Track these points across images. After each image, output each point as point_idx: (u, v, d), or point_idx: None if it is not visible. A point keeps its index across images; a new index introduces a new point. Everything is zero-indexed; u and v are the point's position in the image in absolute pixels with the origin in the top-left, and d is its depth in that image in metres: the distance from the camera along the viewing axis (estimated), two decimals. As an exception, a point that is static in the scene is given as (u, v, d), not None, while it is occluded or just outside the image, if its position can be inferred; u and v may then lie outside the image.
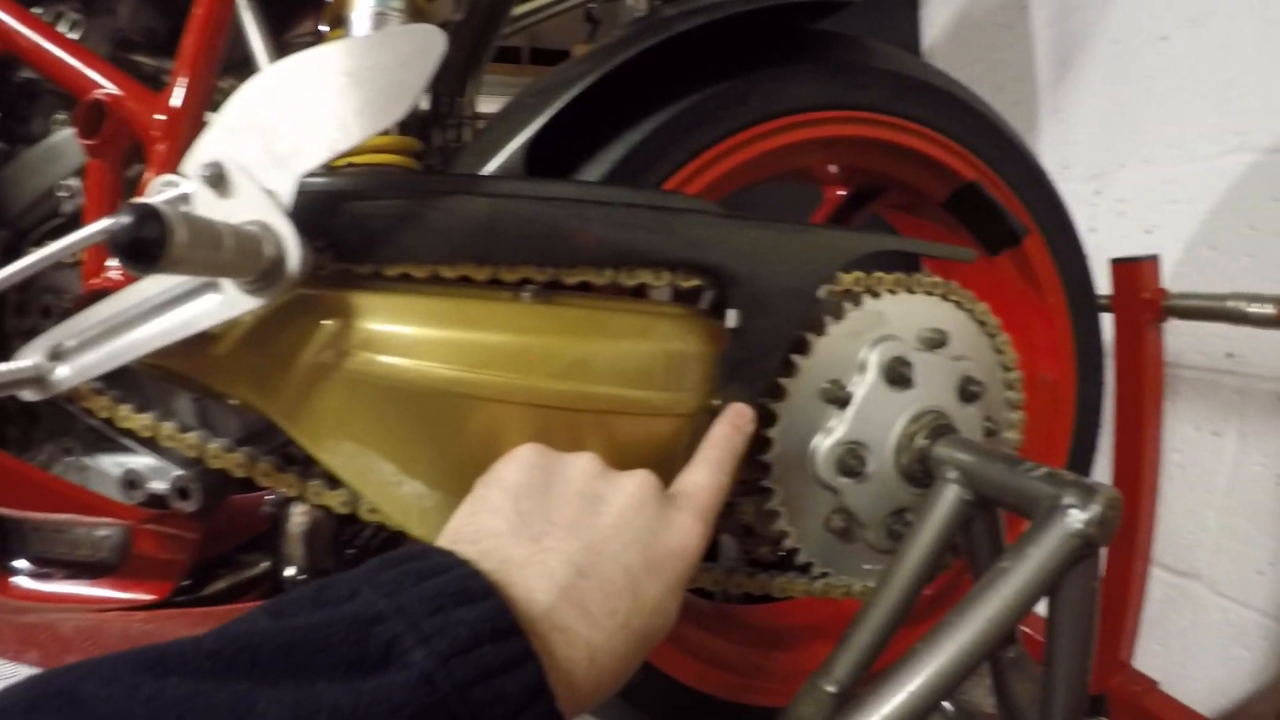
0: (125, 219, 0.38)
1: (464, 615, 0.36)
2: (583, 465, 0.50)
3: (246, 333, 0.55)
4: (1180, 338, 1.20)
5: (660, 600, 0.46)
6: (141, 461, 0.76)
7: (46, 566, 0.81)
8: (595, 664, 0.41)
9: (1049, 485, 0.56)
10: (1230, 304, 1.01)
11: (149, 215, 0.38)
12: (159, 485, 0.76)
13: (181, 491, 0.75)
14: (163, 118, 0.67)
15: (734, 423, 0.60)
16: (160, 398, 0.73)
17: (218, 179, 0.50)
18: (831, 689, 0.63)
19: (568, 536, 0.45)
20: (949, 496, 0.64)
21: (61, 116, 0.83)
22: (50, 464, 0.78)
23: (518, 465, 0.49)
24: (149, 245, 0.39)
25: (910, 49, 1.06)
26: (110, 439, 0.76)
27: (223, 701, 0.30)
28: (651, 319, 0.61)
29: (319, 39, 0.88)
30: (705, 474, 0.55)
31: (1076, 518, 0.53)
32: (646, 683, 0.76)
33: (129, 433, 0.66)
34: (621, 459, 0.59)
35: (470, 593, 0.37)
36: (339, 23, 0.67)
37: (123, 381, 0.70)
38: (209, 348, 0.55)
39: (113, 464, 0.77)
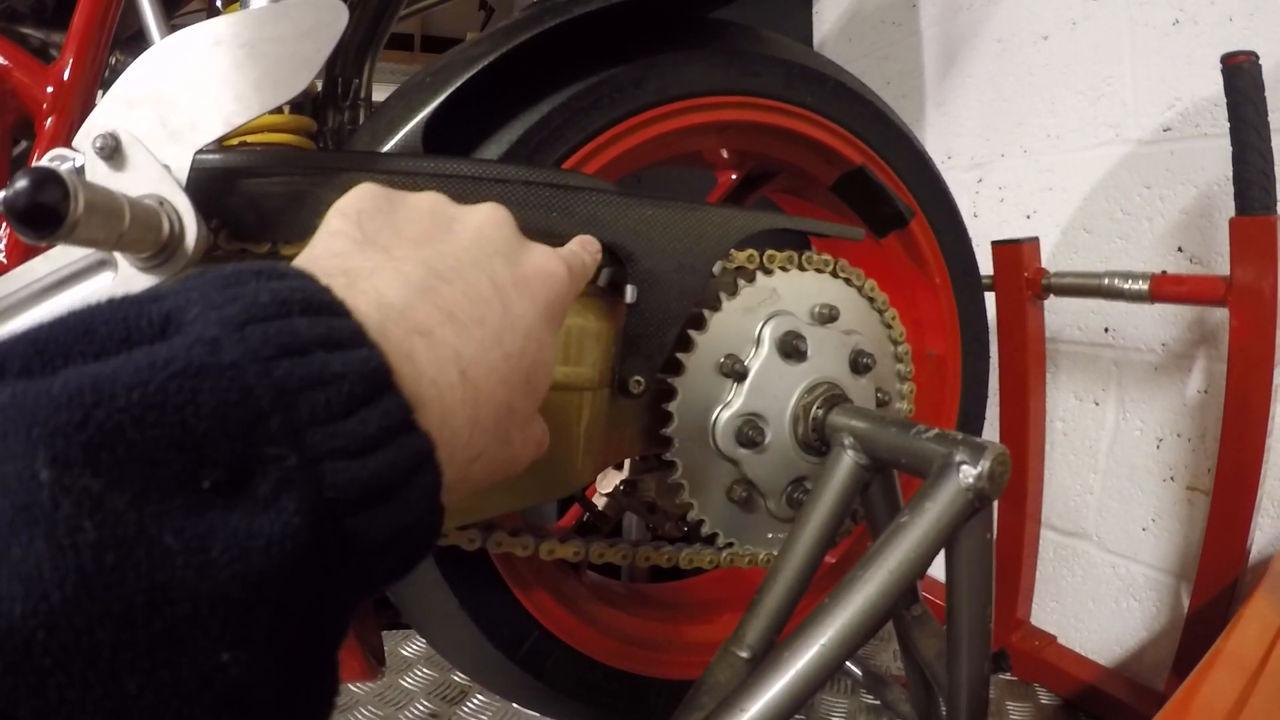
0: (23, 183, 0.37)
1: (268, 285, 0.28)
2: (431, 195, 0.43)
3: None
4: (1060, 315, 1.27)
5: (533, 323, 0.39)
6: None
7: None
8: (469, 380, 0.34)
9: (941, 445, 0.59)
10: (1107, 281, 1.08)
11: (48, 179, 0.37)
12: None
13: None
14: (52, 90, 0.65)
15: (586, 244, 0.53)
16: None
17: (112, 151, 0.49)
18: (744, 654, 0.65)
19: (422, 247, 0.38)
20: (845, 462, 0.67)
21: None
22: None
23: (358, 194, 0.41)
24: (48, 211, 0.38)
25: (802, 44, 1.10)
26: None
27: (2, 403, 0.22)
28: (551, 295, 0.62)
29: (214, 16, 0.86)
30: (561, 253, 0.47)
31: (968, 473, 0.56)
32: (564, 662, 0.77)
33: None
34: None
35: (280, 272, 0.29)
36: (235, -2, 0.67)
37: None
38: None
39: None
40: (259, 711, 0.24)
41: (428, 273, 0.35)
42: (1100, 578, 1.25)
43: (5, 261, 0.68)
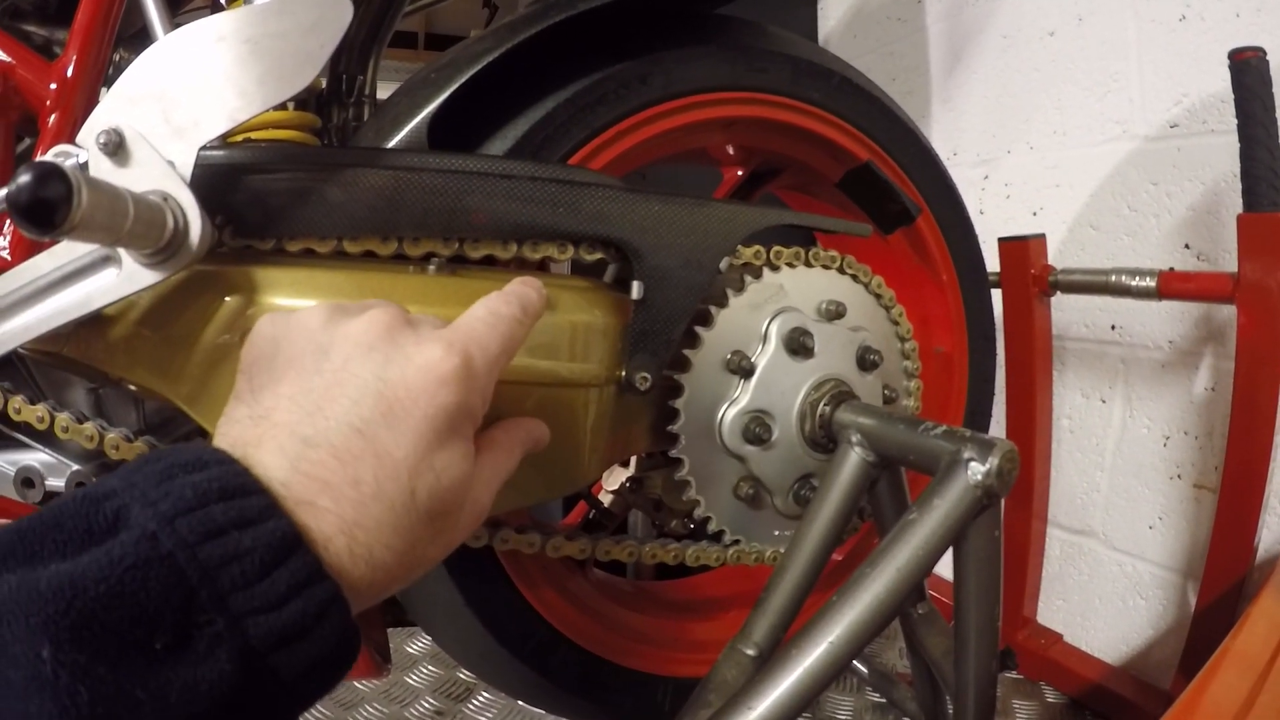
0: (26, 178, 0.37)
1: (191, 479, 0.35)
2: (307, 320, 0.44)
3: (144, 313, 0.54)
4: (1067, 312, 1.26)
5: (417, 454, 0.40)
6: (37, 458, 0.73)
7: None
8: (357, 541, 0.38)
9: (949, 442, 0.58)
10: (1113, 278, 1.08)
11: (52, 174, 0.37)
12: (57, 483, 0.73)
13: (80, 488, 0.72)
14: (56, 87, 0.65)
15: (528, 281, 0.54)
16: (54, 389, 0.71)
17: (116, 147, 0.49)
18: (751, 652, 0.65)
19: (292, 406, 0.40)
20: (853, 459, 0.67)
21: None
22: (-63, 465, 0.75)
23: (250, 342, 0.45)
24: (52, 206, 0.38)
25: (807, 40, 1.10)
26: (2, 435, 0.73)
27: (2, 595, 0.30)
28: (557, 291, 0.62)
29: (217, 11, 0.86)
30: (483, 308, 0.48)
31: (977, 470, 0.55)
32: (569, 659, 0.77)
33: (22, 427, 0.64)
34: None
35: (203, 461, 0.36)
36: (239, -6, 0.66)
37: (13, 373, 0.68)
38: (105, 330, 0.54)
39: (6, 462, 0.74)
40: None
41: (298, 442, 0.39)
42: (1107, 576, 1.24)
43: (9, 258, 0.68)
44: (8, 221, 0.67)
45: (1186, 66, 1.13)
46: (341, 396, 0.40)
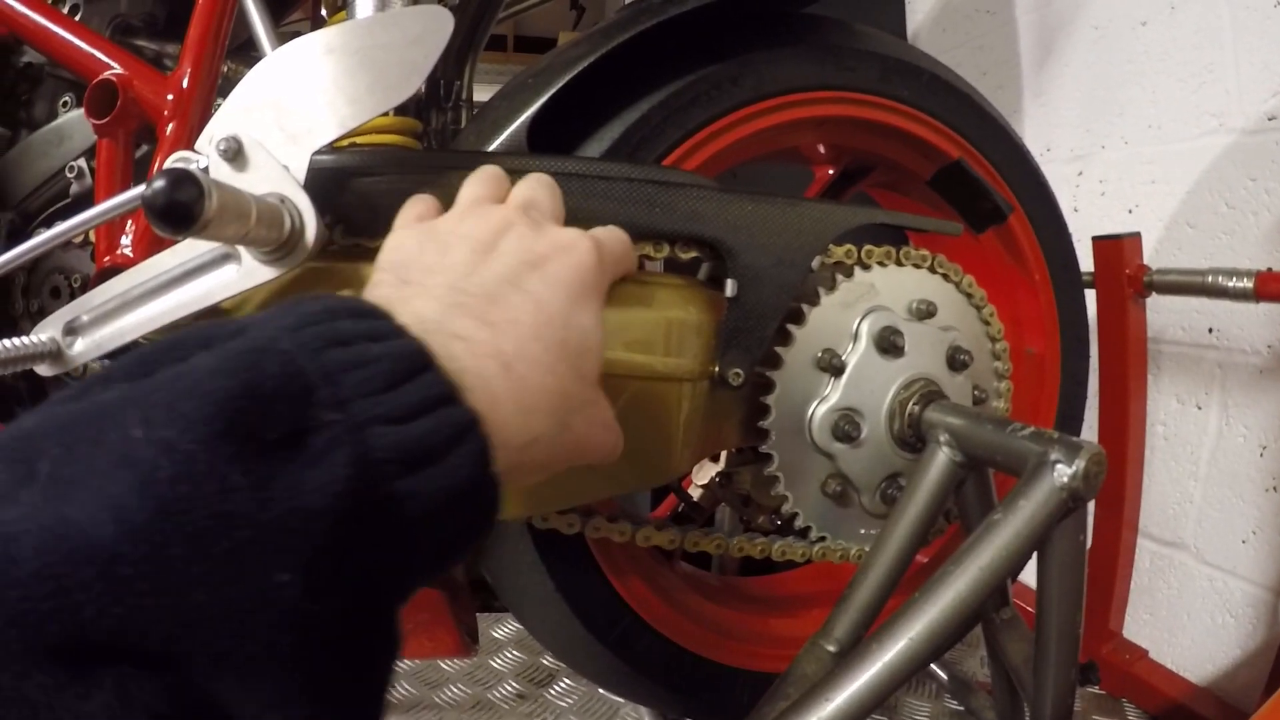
0: (161, 183, 0.40)
1: (319, 302, 0.34)
2: (443, 222, 0.47)
3: (259, 306, 0.57)
4: (1162, 314, 1.22)
5: (566, 309, 0.42)
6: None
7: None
8: (514, 372, 0.38)
9: (1036, 443, 0.58)
10: (1210, 279, 1.04)
11: (185, 179, 0.40)
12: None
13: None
14: (173, 97, 0.69)
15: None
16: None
17: (234, 153, 0.52)
18: (832, 648, 0.65)
19: (445, 272, 0.42)
20: (940, 459, 0.67)
21: (67, 99, 0.85)
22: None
23: (390, 246, 0.46)
24: (185, 208, 0.40)
25: (896, 35, 1.09)
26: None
27: (108, 399, 0.28)
28: (653, 288, 0.64)
29: (317, 24, 0.90)
30: (604, 230, 0.51)
31: (1063, 472, 0.55)
32: (653, 648, 0.78)
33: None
34: (626, 422, 0.61)
35: (334, 295, 0.36)
36: (339, 7, 0.69)
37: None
38: None
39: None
40: (316, 641, 0.28)
41: (454, 291, 0.40)
42: (1197, 591, 1.20)
43: (132, 255, 0.72)
44: (129, 222, 0.71)
45: (1284, 55, 1.08)
46: (493, 260, 0.43)
